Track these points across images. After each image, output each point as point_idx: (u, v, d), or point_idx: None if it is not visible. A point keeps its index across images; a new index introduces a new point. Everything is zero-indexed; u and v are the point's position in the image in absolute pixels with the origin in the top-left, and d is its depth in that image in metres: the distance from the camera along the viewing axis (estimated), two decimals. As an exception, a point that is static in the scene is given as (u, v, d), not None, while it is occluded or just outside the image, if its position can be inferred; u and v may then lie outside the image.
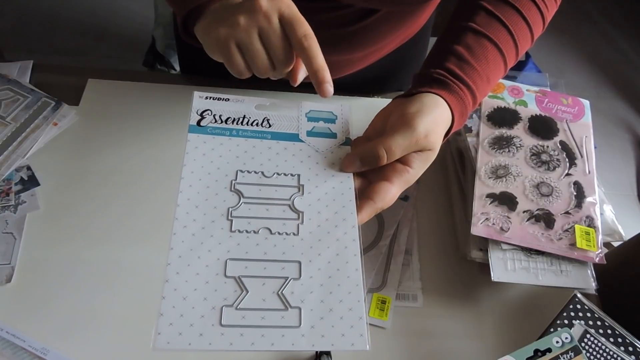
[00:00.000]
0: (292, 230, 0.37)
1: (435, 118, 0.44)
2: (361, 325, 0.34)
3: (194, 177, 0.39)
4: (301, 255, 0.36)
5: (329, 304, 0.34)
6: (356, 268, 0.36)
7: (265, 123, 0.42)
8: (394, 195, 0.42)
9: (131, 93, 0.72)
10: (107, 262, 0.59)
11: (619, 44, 2.16)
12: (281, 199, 0.39)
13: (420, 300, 0.59)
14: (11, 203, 0.62)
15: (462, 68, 0.47)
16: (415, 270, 0.61)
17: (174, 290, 0.34)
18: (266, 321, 0.33)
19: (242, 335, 0.32)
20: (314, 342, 0.33)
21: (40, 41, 1.83)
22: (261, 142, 0.41)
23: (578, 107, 0.68)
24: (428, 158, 0.44)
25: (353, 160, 0.42)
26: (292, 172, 0.40)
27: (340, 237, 0.38)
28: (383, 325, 0.57)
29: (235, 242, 0.36)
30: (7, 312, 0.55)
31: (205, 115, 0.42)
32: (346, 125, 0.44)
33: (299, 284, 0.35)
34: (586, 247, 0.57)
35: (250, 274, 0.35)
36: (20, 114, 0.68)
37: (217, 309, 0.33)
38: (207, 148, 0.41)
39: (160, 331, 0.32)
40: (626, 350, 0.53)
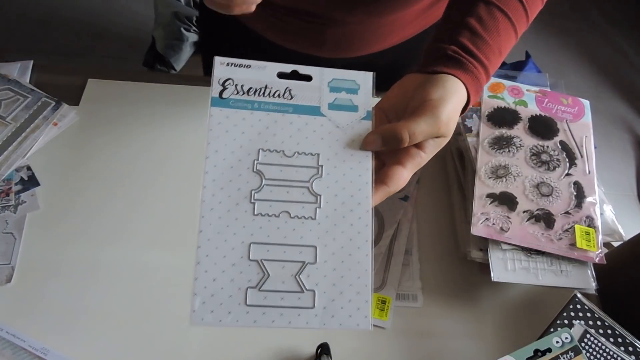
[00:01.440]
0: (310, 214, 0.39)
1: (456, 105, 0.45)
2: (367, 308, 0.37)
3: (218, 156, 0.40)
4: (317, 239, 0.38)
5: (340, 287, 0.37)
6: (366, 254, 0.38)
7: (287, 94, 0.42)
8: (405, 179, 0.43)
9: (131, 93, 0.72)
10: (107, 262, 0.59)
11: (619, 44, 2.16)
12: (301, 180, 0.40)
13: (420, 300, 0.59)
14: (11, 203, 0.62)
15: (476, 44, 0.47)
16: (415, 270, 0.61)
17: (205, 272, 0.37)
18: (285, 302, 0.37)
19: (264, 314, 0.36)
20: (325, 321, 0.37)
21: (40, 41, 1.83)
22: (283, 116, 0.42)
23: (578, 107, 0.68)
24: (441, 144, 0.45)
25: (375, 140, 0.42)
26: (312, 151, 0.41)
27: (354, 222, 0.39)
28: (383, 325, 0.57)
29: (258, 225, 0.38)
30: (7, 312, 0.55)
31: (227, 85, 0.42)
32: (368, 96, 0.44)
33: (314, 268, 0.38)
34: (586, 247, 0.57)
35: (271, 257, 0.38)
36: (20, 114, 0.68)
37: (242, 290, 0.36)
38: (230, 124, 0.41)
39: (195, 309, 0.36)
40: (626, 350, 0.53)
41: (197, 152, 0.68)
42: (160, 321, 0.56)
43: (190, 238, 0.61)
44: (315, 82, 0.43)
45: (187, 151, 0.68)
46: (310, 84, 0.43)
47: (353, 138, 0.42)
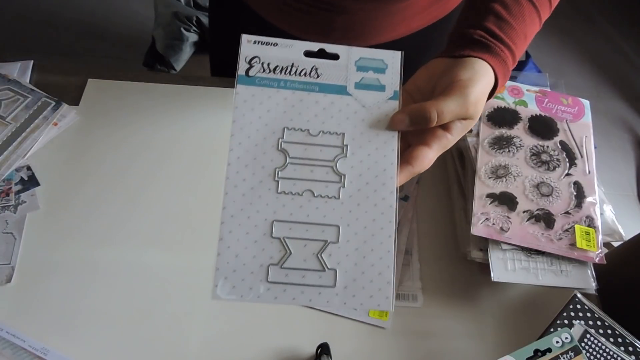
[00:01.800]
0: (334, 194, 0.39)
1: (484, 88, 0.44)
2: (388, 289, 0.37)
3: (243, 134, 0.40)
4: (340, 219, 0.39)
5: (362, 268, 0.37)
6: (389, 234, 0.38)
7: (313, 73, 0.42)
8: (430, 160, 0.43)
9: (131, 93, 0.72)
10: (107, 262, 0.59)
11: (619, 44, 2.16)
12: (325, 160, 0.40)
13: (420, 300, 0.60)
14: (11, 203, 0.62)
15: (502, 28, 0.47)
16: (415, 270, 0.61)
17: (228, 248, 0.37)
18: (306, 280, 0.37)
19: (285, 291, 0.37)
20: (345, 300, 0.37)
21: (40, 41, 1.83)
22: (308, 95, 0.42)
23: (578, 107, 0.68)
24: (467, 126, 0.44)
25: (402, 119, 0.41)
26: (338, 130, 0.41)
27: (378, 202, 0.39)
28: (383, 325, 0.57)
29: (281, 203, 0.38)
30: (7, 312, 0.55)
31: (254, 63, 0.42)
32: (396, 76, 0.43)
33: (336, 247, 0.38)
34: (586, 247, 0.57)
35: (293, 235, 0.38)
36: (20, 114, 0.68)
37: (264, 267, 0.37)
38: (256, 102, 0.41)
39: (217, 284, 0.36)
40: (626, 350, 0.53)
41: (197, 151, 0.68)
42: (160, 321, 0.56)
43: (191, 238, 0.61)
44: (342, 61, 0.43)
45: (188, 151, 0.68)
46: (337, 62, 0.42)
47: (379, 118, 0.42)
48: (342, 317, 0.57)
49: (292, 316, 0.57)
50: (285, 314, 0.57)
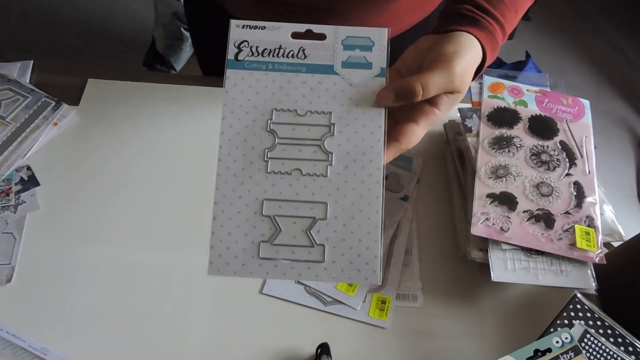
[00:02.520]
0: (322, 172, 0.40)
1: (470, 60, 0.44)
2: (375, 263, 0.39)
3: (233, 117, 0.41)
4: (328, 196, 0.40)
5: (350, 242, 0.39)
6: (377, 210, 0.40)
7: (300, 54, 0.43)
8: (418, 137, 0.43)
9: (131, 93, 0.72)
10: (107, 262, 0.59)
11: (619, 44, 2.16)
12: (313, 139, 0.41)
13: (420, 300, 0.59)
14: (11, 203, 0.62)
15: (490, 2, 0.47)
16: (415, 270, 0.61)
17: (221, 227, 0.39)
18: (296, 255, 0.39)
19: (276, 267, 0.38)
20: (334, 275, 0.38)
21: (40, 41, 1.83)
22: (296, 76, 0.43)
23: (578, 107, 0.68)
24: (455, 100, 0.44)
25: (388, 95, 0.42)
26: (325, 109, 0.42)
27: (365, 179, 0.40)
28: (383, 325, 0.57)
29: (271, 182, 0.40)
30: (7, 312, 0.55)
31: (242, 47, 0.43)
32: (382, 53, 0.44)
33: (324, 224, 0.39)
34: (586, 247, 0.57)
35: (283, 213, 0.39)
36: (20, 114, 0.68)
37: (255, 244, 0.39)
38: (245, 85, 0.42)
39: (212, 261, 0.38)
40: (626, 350, 0.53)
41: (197, 151, 0.68)
42: (160, 321, 0.56)
43: (191, 238, 0.61)
44: (329, 41, 0.43)
45: (188, 151, 0.68)
46: (324, 42, 0.43)
47: (366, 96, 0.42)
48: (342, 317, 0.57)
49: (292, 316, 0.57)
50: (285, 314, 0.57)
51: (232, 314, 0.57)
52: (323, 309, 0.58)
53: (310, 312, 0.57)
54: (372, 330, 0.57)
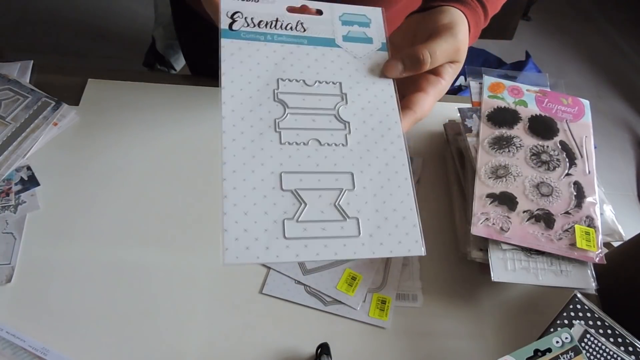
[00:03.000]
0: (341, 141, 0.38)
1: (465, 31, 0.45)
2: (416, 232, 0.35)
3: (234, 86, 0.38)
4: (352, 166, 0.37)
5: (384, 213, 0.36)
6: (405, 177, 0.37)
7: (299, 27, 0.41)
8: (430, 105, 0.42)
9: (131, 93, 0.72)
10: (107, 262, 0.59)
11: (619, 44, 2.16)
12: (326, 108, 0.39)
13: (420, 300, 0.59)
14: (11, 203, 0.62)
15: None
16: (415, 270, 0.61)
17: (234, 206, 0.34)
18: (327, 232, 0.34)
19: (306, 247, 0.33)
20: (374, 249, 0.34)
21: (40, 41, 1.83)
22: (298, 47, 0.41)
23: (578, 107, 0.68)
24: (457, 70, 0.44)
25: (395, 64, 0.41)
26: (334, 79, 0.40)
27: (387, 147, 0.38)
28: (383, 325, 0.57)
29: (287, 154, 0.36)
30: (7, 312, 0.55)
31: (236, 18, 0.41)
32: (381, 29, 0.43)
33: (353, 195, 0.36)
34: (586, 247, 0.57)
35: (305, 186, 0.36)
36: (20, 114, 0.68)
37: (279, 222, 0.34)
38: (244, 55, 0.40)
39: (227, 247, 0.32)
40: (626, 350, 0.53)
41: (197, 151, 0.68)
42: (160, 321, 0.56)
43: (191, 238, 0.61)
44: (326, 16, 0.42)
45: (188, 151, 0.68)
46: (322, 17, 0.42)
47: (372, 67, 0.42)
48: (342, 317, 0.57)
49: (292, 316, 0.57)
50: (285, 314, 0.57)
51: (232, 314, 0.57)
52: (323, 309, 0.58)
53: (310, 312, 0.57)
54: (372, 330, 0.57)
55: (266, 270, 0.60)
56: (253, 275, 0.59)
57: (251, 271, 0.60)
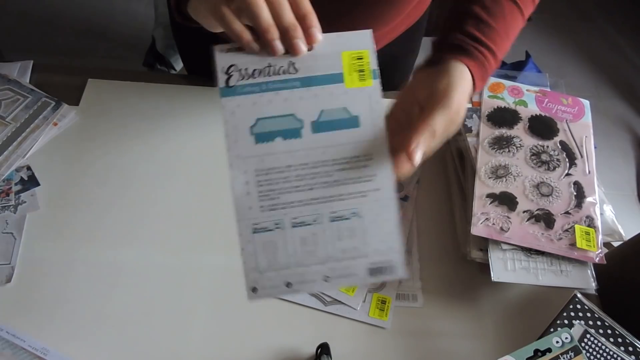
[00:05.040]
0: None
1: (464, 92, 0.45)
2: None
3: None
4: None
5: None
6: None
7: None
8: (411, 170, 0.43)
9: (131, 93, 0.72)
10: (107, 262, 0.59)
11: (619, 44, 2.16)
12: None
13: (420, 300, 0.59)
14: (11, 203, 0.62)
15: (481, 30, 0.48)
16: (415, 270, 0.61)
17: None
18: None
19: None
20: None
21: (40, 41, 1.83)
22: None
23: (578, 107, 0.68)
24: (451, 134, 0.45)
25: (409, 167, 0.42)
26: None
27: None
28: (383, 325, 0.57)
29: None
30: (7, 312, 0.55)
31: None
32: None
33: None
34: (586, 247, 0.57)
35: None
36: (20, 114, 0.68)
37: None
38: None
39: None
40: (626, 350, 0.53)
41: (197, 151, 0.68)
42: (160, 321, 0.56)
43: (191, 238, 0.61)
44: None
45: (188, 151, 0.68)
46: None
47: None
48: (342, 317, 0.57)
49: (292, 316, 0.57)
50: (286, 314, 0.57)
51: (232, 314, 0.57)
52: (323, 309, 0.58)
53: (310, 312, 0.57)
54: (372, 330, 0.57)
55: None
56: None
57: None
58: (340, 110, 0.41)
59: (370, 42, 0.42)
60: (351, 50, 0.42)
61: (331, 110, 0.41)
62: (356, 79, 0.42)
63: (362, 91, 0.41)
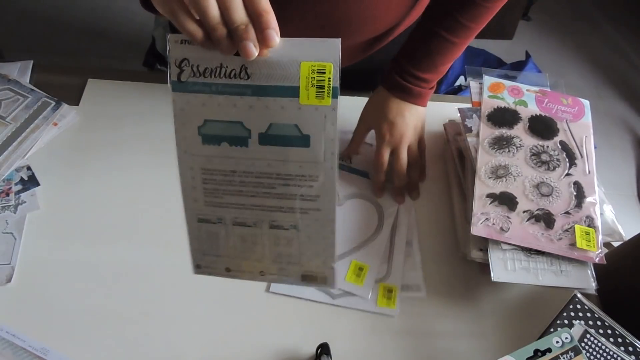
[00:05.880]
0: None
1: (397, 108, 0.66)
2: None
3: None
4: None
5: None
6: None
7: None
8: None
9: (131, 93, 0.72)
10: (107, 262, 0.59)
11: (619, 44, 2.16)
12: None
13: (423, 289, 0.60)
14: (11, 203, 0.62)
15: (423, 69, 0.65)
16: (417, 260, 0.62)
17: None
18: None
19: None
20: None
21: (40, 41, 1.83)
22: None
23: (578, 107, 0.68)
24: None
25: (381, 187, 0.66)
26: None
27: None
28: (391, 314, 0.58)
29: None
30: (7, 312, 0.55)
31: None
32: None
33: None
34: (586, 247, 0.57)
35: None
36: (20, 114, 0.68)
37: None
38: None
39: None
40: (626, 350, 0.53)
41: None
42: (159, 321, 0.56)
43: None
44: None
45: (187, 151, 0.68)
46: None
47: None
48: (342, 316, 0.57)
49: (292, 316, 0.57)
50: (285, 314, 0.57)
51: (232, 314, 0.57)
52: (331, 302, 0.58)
53: (310, 312, 0.57)
54: (372, 330, 0.57)
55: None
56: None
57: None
58: (291, 127, 0.38)
59: (337, 54, 0.36)
60: (312, 62, 0.36)
61: (281, 125, 0.38)
62: (313, 95, 0.37)
63: (318, 110, 0.37)
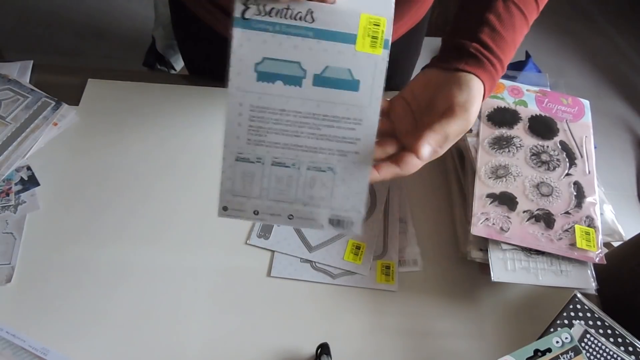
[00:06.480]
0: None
1: (479, 106, 0.47)
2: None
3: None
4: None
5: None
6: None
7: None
8: (416, 168, 0.45)
9: (131, 93, 0.72)
10: (107, 262, 0.59)
11: (619, 44, 2.16)
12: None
13: (420, 264, 0.61)
14: (11, 203, 0.62)
15: (495, 40, 0.50)
16: (412, 236, 0.63)
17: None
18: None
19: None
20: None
21: (40, 41, 1.83)
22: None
23: (578, 107, 0.68)
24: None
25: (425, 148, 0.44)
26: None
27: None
28: (391, 289, 0.59)
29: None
30: (7, 312, 0.55)
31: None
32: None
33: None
34: (586, 247, 0.57)
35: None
36: (20, 114, 0.68)
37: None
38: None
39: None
40: (626, 350, 0.53)
41: (197, 151, 0.68)
42: (160, 321, 0.56)
43: (192, 238, 0.61)
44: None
45: (188, 150, 0.68)
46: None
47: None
48: (342, 316, 0.57)
49: (292, 316, 0.57)
50: (285, 314, 0.57)
51: (232, 314, 0.57)
52: (332, 282, 0.59)
53: (310, 312, 0.57)
54: (372, 330, 0.57)
55: (270, 253, 0.61)
56: (259, 261, 0.60)
57: (257, 257, 0.60)
58: (344, 70, 0.41)
59: (391, 11, 0.41)
60: (370, 14, 0.40)
61: (336, 69, 0.41)
62: (368, 44, 0.41)
63: (370, 58, 0.41)
